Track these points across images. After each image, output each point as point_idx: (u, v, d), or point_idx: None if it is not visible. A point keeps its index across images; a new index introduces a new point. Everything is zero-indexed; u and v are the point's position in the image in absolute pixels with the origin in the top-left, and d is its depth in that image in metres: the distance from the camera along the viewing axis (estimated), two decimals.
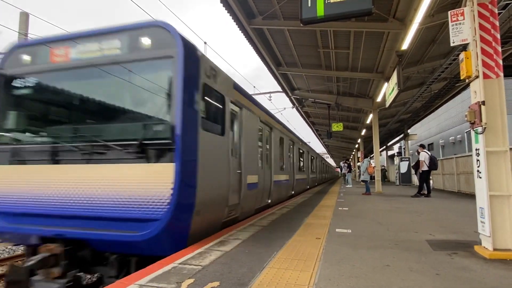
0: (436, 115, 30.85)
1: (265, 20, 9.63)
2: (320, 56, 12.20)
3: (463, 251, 3.72)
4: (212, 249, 3.77)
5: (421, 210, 7.64)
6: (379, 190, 14.46)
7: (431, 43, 10.70)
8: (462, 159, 13.22)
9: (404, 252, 3.72)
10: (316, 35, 10.42)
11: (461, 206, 8.60)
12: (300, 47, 11.71)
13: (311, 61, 12.99)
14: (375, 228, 5.27)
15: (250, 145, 6.40)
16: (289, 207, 8.43)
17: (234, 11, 8.97)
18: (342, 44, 10.97)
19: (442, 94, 14.67)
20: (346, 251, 3.73)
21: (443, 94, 14.59)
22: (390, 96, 11.01)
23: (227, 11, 8.89)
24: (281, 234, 4.74)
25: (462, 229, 5.18)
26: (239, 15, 9.10)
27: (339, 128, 19.24)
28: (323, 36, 10.47)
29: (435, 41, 10.50)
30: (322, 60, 12.50)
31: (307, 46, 11.50)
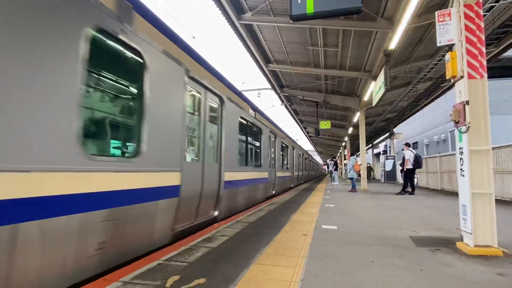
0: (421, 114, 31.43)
1: (255, 16, 9.58)
2: (309, 54, 12.24)
3: (445, 248, 3.81)
4: (198, 245, 3.74)
5: (406, 207, 7.79)
6: (365, 188, 14.69)
7: (418, 43, 10.88)
8: (446, 158, 13.54)
9: (388, 248, 3.78)
10: (306, 33, 10.44)
11: (444, 203, 8.81)
12: (290, 44, 11.71)
13: (300, 59, 13.02)
14: (361, 225, 5.33)
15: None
16: (277, 203, 8.46)
17: (224, 6, 8.88)
18: (331, 42, 11.03)
19: (428, 94, 14.96)
20: (332, 247, 3.77)
21: (429, 94, 14.88)
22: (377, 95, 11.14)
23: (216, 5, 8.79)
24: (269, 230, 4.74)
25: (444, 226, 5.31)
26: (228, 10, 9.02)
27: (327, 126, 19.40)
28: (313, 34, 10.50)
29: (422, 41, 10.68)
30: (311, 57, 12.55)
31: (296, 43, 11.51)
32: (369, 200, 9.82)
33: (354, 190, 13.17)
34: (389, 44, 9.01)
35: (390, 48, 9.15)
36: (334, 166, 22.08)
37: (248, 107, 7.75)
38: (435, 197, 10.79)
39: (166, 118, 3.99)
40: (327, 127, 19.57)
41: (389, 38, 8.96)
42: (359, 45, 10.96)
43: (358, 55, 11.88)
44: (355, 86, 15.56)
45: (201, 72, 5.10)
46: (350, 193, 12.66)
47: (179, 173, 4.24)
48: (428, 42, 10.57)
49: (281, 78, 16.09)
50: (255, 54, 12.17)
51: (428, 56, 11.94)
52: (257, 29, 10.74)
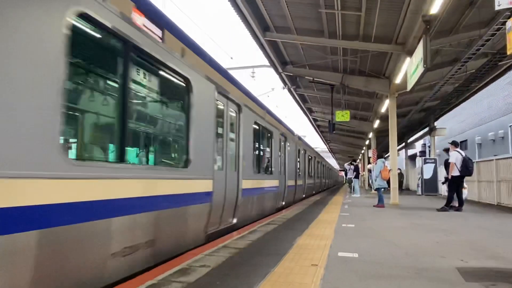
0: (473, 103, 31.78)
1: None
2: (322, 19, 12.25)
3: (503, 282, 3.84)
4: (169, 280, 3.72)
5: (450, 229, 7.85)
6: (395, 202, 14.80)
7: (468, 6, 10.95)
8: (505, 162, 13.67)
9: (427, 283, 3.80)
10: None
11: (502, 223, 8.92)
12: (296, 6, 11.71)
13: (309, 26, 13.03)
14: (391, 252, 5.36)
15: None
16: (277, 222, 8.47)
17: None
18: (352, 3, 11.06)
19: (481, 75, 15.12)
20: (352, 283, 3.77)
21: (482, 75, 15.03)
22: (413, 76, 11.21)
23: None
24: (265, 259, 4.74)
25: (502, 253, 5.36)
26: None
27: (345, 117, 19.49)
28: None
29: (474, 4, 10.75)
30: (325, 24, 12.57)
31: (304, 4, 11.51)
32: (401, 218, 9.90)
33: (382, 205, 13.24)
34: (430, 6, 9.06)
35: (432, 12, 9.21)
36: (355, 172, 22.18)
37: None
38: (489, 215, 10.92)
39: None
40: (345, 119, 19.66)
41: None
42: (389, 7, 11.00)
43: (388, 22, 11.93)
44: (384, 64, 15.65)
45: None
46: (375, 208, 12.74)
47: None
48: (482, 6, 10.65)
49: (283, 52, 16.11)
50: (248, 18, 12.15)
51: (482, 24, 12.02)
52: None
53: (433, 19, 10.07)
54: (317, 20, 12.46)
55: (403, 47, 12.88)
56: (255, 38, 13.83)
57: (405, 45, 12.69)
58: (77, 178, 3.32)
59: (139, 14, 4.37)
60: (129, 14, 4.16)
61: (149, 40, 4.53)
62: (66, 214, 3.17)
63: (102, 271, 3.73)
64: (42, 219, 2.93)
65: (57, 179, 3.07)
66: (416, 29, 11.24)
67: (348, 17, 11.94)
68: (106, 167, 3.94)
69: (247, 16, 11.98)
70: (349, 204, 14.76)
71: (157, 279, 3.73)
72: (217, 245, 5.59)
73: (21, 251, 2.77)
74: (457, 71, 14.31)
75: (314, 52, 15.47)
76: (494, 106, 32.32)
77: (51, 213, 3.01)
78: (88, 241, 3.48)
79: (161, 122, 5.94)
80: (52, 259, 3.07)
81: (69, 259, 3.27)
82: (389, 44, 13.33)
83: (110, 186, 3.80)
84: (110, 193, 3.77)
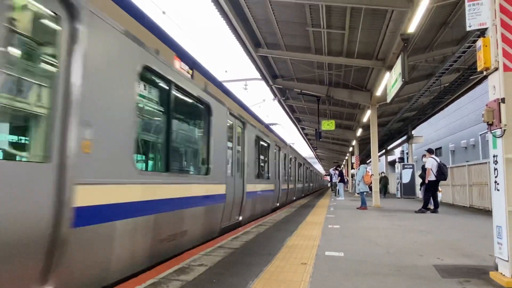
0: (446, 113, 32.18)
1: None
2: (309, 37, 12.36)
3: (476, 279, 3.88)
4: (169, 278, 3.70)
5: (427, 229, 7.92)
6: (377, 204, 14.86)
7: (442, 26, 11.13)
8: (476, 167, 13.83)
9: (408, 280, 3.83)
10: (305, 10, 10.55)
11: (474, 224, 9.01)
12: (285, 24, 11.80)
13: (298, 43, 13.12)
14: (373, 251, 5.39)
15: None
16: (268, 224, 8.46)
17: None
18: (336, 23, 11.17)
19: (454, 89, 15.33)
20: (338, 280, 3.79)
21: (455, 88, 15.25)
22: (393, 88, 11.33)
23: None
24: (258, 258, 4.74)
25: (475, 251, 5.42)
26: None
27: (330, 126, 19.62)
28: (313, 12, 10.61)
29: (447, 24, 10.94)
30: (312, 41, 12.68)
31: (293, 23, 11.60)
32: (383, 219, 9.95)
33: (364, 207, 13.30)
34: (407, 26, 9.19)
35: (409, 31, 9.34)
36: (339, 176, 22.19)
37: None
38: (462, 216, 11.02)
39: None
40: (330, 128, 19.79)
41: (407, 19, 9.14)
42: (370, 27, 11.14)
43: (370, 40, 12.07)
44: (365, 77, 15.79)
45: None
46: (359, 210, 12.79)
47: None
48: (455, 25, 10.84)
49: (273, 66, 16.19)
50: (241, 35, 12.20)
51: (455, 42, 12.23)
52: (245, 4, 10.77)
53: (411, 37, 10.21)
54: (305, 38, 12.56)
55: (383, 62, 13.03)
56: (247, 53, 13.89)
57: (385, 61, 12.83)
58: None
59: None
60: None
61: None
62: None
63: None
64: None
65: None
66: (395, 47, 11.39)
67: (333, 35, 12.05)
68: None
69: (241, 33, 12.04)
70: (335, 206, 14.79)
71: (158, 278, 3.71)
72: (213, 245, 5.57)
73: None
74: (432, 85, 14.49)
75: (302, 66, 15.56)
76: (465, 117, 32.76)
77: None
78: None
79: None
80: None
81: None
82: (371, 60, 13.47)
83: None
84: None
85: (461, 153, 33.77)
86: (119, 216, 3.79)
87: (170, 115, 5.22)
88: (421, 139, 27.70)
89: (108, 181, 3.62)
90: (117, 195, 3.77)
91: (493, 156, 3.95)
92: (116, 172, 3.76)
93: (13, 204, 2.59)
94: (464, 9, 4.16)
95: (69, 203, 3.03)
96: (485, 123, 3.99)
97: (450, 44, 12.43)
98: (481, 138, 29.76)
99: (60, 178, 2.98)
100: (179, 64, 5.40)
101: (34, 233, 2.75)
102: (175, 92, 5.38)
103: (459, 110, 32.70)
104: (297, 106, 23.55)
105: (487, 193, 12.57)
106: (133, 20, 4.28)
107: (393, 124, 23.74)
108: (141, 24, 4.49)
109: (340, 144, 37.04)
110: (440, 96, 16.86)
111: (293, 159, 19.96)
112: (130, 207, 3.96)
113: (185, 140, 6.70)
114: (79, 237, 3.17)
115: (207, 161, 6.66)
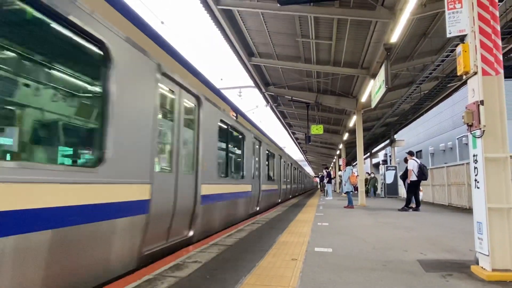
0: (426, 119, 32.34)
1: (235, 0, 9.55)
2: (299, 47, 12.32)
3: (458, 272, 3.80)
4: (164, 275, 3.56)
5: (410, 226, 7.84)
6: (363, 203, 14.80)
7: (422, 36, 11.16)
8: (454, 169, 13.85)
9: (393, 274, 3.73)
10: (295, 22, 10.51)
11: (454, 220, 8.95)
12: (277, 35, 11.75)
13: (288, 52, 13.08)
14: (360, 246, 5.29)
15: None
16: (261, 222, 8.34)
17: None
18: (324, 34, 11.14)
19: (433, 95, 15.37)
20: (327, 275, 3.68)
21: (434, 95, 15.28)
22: (377, 95, 11.32)
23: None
24: (251, 255, 4.62)
25: (456, 246, 5.34)
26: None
27: (318, 131, 19.55)
28: (303, 23, 10.58)
29: (427, 35, 10.96)
30: (301, 51, 12.64)
31: (284, 34, 11.56)
32: (368, 217, 9.87)
33: (351, 206, 13.23)
34: (390, 36, 9.18)
35: (391, 41, 9.32)
36: (327, 177, 22.16)
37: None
38: (442, 214, 10.98)
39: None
40: (319, 132, 19.72)
41: (390, 30, 9.13)
42: (355, 37, 11.13)
43: (355, 49, 12.06)
44: (351, 85, 15.79)
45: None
46: (346, 209, 12.71)
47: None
48: (434, 36, 10.86)
49: (266, 74, 16.12)
50: (236, 45, 12.13)
51: (434, 52, 12.26)
52: (239, 16, 10.72)
53: (393, 47, 10.21)
54: (295, 48, 12.52)
55: (368, 71, 13.02)
56: (241, 62, 13.81)
57: (370, 69, 12.83)
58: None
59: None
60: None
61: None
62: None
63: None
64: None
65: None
66: (378, 56, 11.38)
67: (321, 45, 12.02)
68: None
69: (235, 43, 11.96)
70: (323, 205, 14.70)
71: (153, 274, 3.57)
72: (207, 243, 5.43)
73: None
74: (413, 92, 14.50)
75: (292, 74, 15.53)
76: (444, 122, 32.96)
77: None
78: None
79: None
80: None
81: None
82: (356, 69, 13.46)
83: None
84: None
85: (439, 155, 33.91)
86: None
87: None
88: (403, 143, 27.74)
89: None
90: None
91: (473, 155, 3.87)
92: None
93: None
94: (442, 21, 4.12)
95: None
96: (465, 124, 3.93)
97: (430, 54, 12.46)
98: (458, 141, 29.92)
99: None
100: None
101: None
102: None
103: (438, 115, 32.88)
104: (288, 112, 23.50)
105: (465, 192, 12.59)
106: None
107: (377, 128, 23.76)
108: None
109: (328, 147, 37.05)
110: (420, 103, 16.89)
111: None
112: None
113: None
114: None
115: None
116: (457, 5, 4.00)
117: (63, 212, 2.88)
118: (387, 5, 8.95)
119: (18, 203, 2.48)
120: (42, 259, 2.73)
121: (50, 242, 2.76)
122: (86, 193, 3.13)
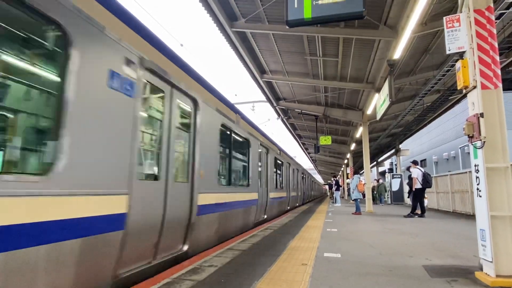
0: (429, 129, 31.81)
1: (249, 23, 9.66)
2: (307, 64, 12.34)
3: (463, 278, 3.67)
4: (182, 278, 3.55)
5: (416, 232, 7.65)
6: (370, 210, 14.54)
7: (424, 52, 11.03)
8: (457, 177, 13.51)
9: (399, 279, 3.63)
10: (303, 41, 10.55)
11: (458, 227, 8.69)
12: (286, 54, 11.81)
13: (297, 69, 13.11)
14: (367, 252, 5.18)
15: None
16: (273, 228, 8.26)
17: (215, 12, 8.95)
18: (330, 52, 11.14)
19: (435, 108, 15.10)
20: (336, 279, 3.60)
21: (436, 107, 15.01)
22: (381, 108, 11.19)
23: (206, 11, 8.86)
24: (263, 259, 4.57)
25: (460, 253, 5.17)
26: (220, 16, 9.09)
27: (327, 141, 19.40)
28: (311, 43, 10.61)
29: (428, 51, 10.84)
30: (310, 68, 12.65)
31: (293, 52, 11.61)
32: (375, 223, 9.67)
33: (359, 213, 13.01)
34: (393, 53, 9.11)
35: (394, 58, 9.25)
36: (336, 185, 21.92)
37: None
38: (447, 220, 10.68)
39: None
40: (327, 143, 19.56)
41: (392, 47, 9.07)
42: (360, 54, 11.08)
43: (360, 66, 12.00)
44: (357, 98, 15.67)
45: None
46: (354, 215, 12.50)
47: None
48: (435, 52, 10.73)
49: (277, 90, 16.16)
50: (249, 64, 12.23)
51: (435, 66, 12.10)
52: (251, 38, 10.82)
53: (396, 63, 10.12)
54: (304, 65, 12.54)
55: (373, 85, 12.91)
56: (254, 79, 13.90)
57: (374, 83, 12.72)
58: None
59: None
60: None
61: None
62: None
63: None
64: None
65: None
66: (382, 71, 11.29)
67: (328, 62, 12.01)
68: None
69: (248, 62, 12.07)
70: (332, 212, 14.49)
71: (172, 278, 3.56)
72: (223, 248, 5.40)
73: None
74: (416, 104, 14.28)
75: (302, 89, 15.52)
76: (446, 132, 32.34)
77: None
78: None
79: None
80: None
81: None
82: (361, 83, 13.37)
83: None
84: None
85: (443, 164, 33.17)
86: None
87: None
88: (407, 152, 27.26)
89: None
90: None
91: (474, 165, 3.78)
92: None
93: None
94: (442, 38, 4.07)
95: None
96: (466, 135, 3.84)
97: (431, 69, 12.30)
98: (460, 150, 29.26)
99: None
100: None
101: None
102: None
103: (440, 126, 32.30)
104: (298, 124, 23.43)
105: (468, 199, 12.25)
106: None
107: (382, 139, 23.44)
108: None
109: (336, 157, 36.66)
110: (423, 114, 16.63)
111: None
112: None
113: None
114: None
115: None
116: (455, 23, 3.96)
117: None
118: (390, 24, 8.91)
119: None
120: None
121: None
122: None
